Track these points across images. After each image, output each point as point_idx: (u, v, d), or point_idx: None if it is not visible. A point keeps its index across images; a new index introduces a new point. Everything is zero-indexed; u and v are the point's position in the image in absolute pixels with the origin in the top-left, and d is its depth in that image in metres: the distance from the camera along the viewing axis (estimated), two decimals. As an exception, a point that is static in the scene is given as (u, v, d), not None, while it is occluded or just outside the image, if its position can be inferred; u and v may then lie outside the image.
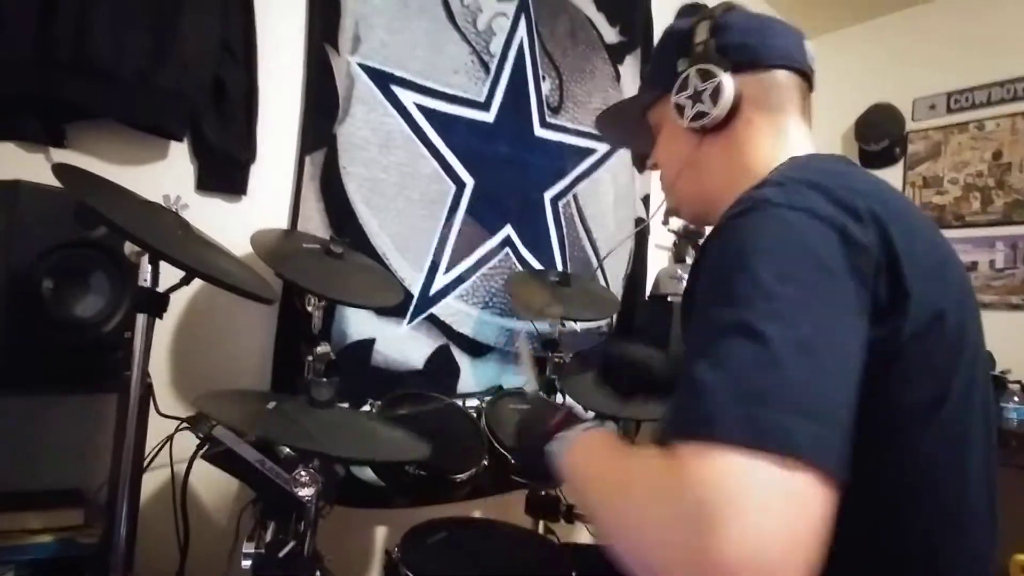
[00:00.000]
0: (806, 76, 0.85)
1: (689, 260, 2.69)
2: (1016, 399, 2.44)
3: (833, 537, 0.52)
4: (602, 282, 2.53)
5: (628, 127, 1.03)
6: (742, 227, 0.61)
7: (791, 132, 0.83)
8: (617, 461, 0.63)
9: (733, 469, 0.47)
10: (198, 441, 1.15)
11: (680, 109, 0.85)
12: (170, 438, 1.24)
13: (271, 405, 1.14)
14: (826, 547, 0.48)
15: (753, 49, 0.83)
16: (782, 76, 0.83)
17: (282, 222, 1.72)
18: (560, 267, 2.37)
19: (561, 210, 2.39)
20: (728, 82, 0.81)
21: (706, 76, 0.82)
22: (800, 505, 0.46)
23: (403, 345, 1.94)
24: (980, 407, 0.69)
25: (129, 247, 1.10)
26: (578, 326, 2.38)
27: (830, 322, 0.55)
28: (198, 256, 1.12)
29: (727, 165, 0.84)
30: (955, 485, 0.66)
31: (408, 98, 1.95)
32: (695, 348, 0.57)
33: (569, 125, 2.42)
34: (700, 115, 0.83)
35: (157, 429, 1.20)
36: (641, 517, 0.52)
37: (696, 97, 0.83)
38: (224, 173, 1.61)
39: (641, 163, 2.69)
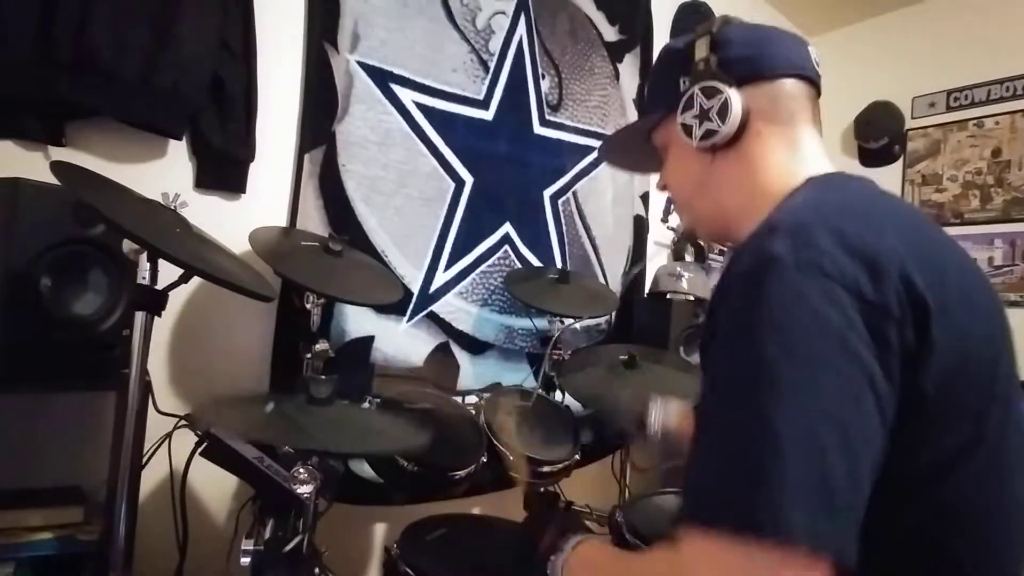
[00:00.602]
0: (813, 82, 0.83)
1: (688, 258, 2.69)
2: (1015, 397, 2.44)
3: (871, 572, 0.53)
4: (600, 278, 2.53)
5: (634, 151, 1.01)
6: (752, 295, 0.59)
7: (804, 144, 0.81)
8: (620, 569, 0.65)
9: (727, 559, 0.49)
10: (197, 438, 1.15)
11: (687, 129, 0.83)
12: (169, 435, 1.25)
13: (269, 407, 1.14)
14: None
15: (756, 61, 0.81)
16: (789, 85, 0.81)
17: (281, 220, 1.72)
18: (559, 265, 2.37)
19: (560, 208, 2.39)
20: (735, 97, 0.79)
21: (711, 93, 0.80)
22: None
23: (402, 342, 1.95)
24: (1016, 434, 0.66)
25: (128, 245, 1.10)
26: (577, 323, 2.38)
27: (842, 399, 0.54)
28: (197, 254, 1.12)
29: (741, 183, 0.82)
30: (995, 519, 0.64)
31: (407, 96, 1.95)
32: (706, 429, 0.58)
33: (568, 123, 2.42)
34: (709, 133, 0.81)
35: (156, 427, 1.21)
36: None
37: (703, 115, 0.81)
38: (223, 171, 1.61)
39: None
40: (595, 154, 2.51)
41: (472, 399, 1.91)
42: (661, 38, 2.83)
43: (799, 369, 0.54)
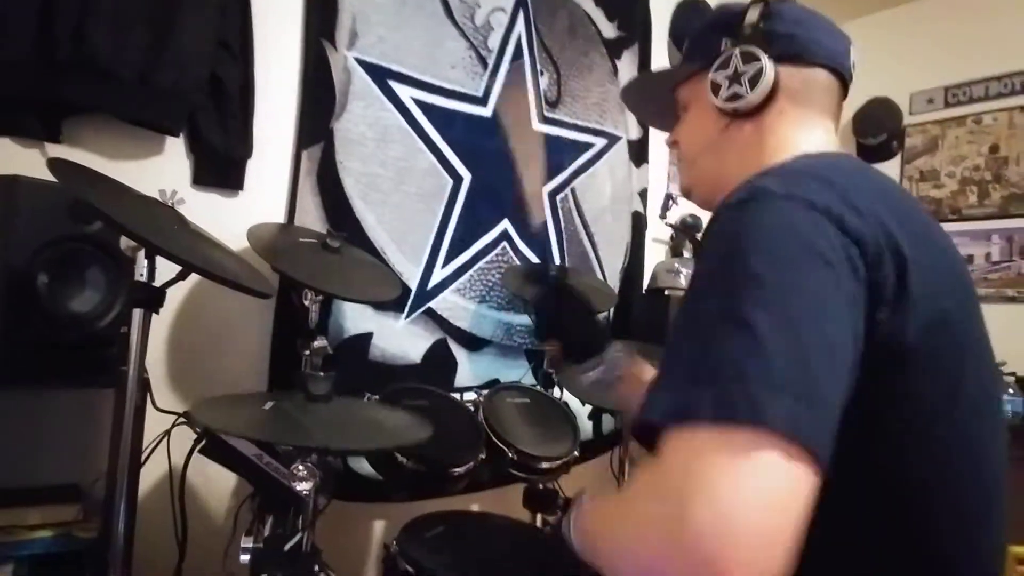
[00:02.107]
0: (845, 81, 0.84)
1: (686, 254, 2.69)
2: (1011, 391, 2.45)
3: (845, 533, 0.52)
4: (598, 274, 2.53)
5: (654, 100, 1.00)
6: (738, 217, 0.61)
7: (817, 131, 0.81)
8: (612, 502, 0.64)
9: (705, 446, 0.47)
10: (195, 436, 1.15)
11: (716, 88, 0.83)
12: (167, 433, 1.24)
13: (268, 405, 1.14)
14: (831, 537, 0.49)
15: (800, 42, 0.81)
16: (822, 75, 0.82)
17: (279, 217, 1.72)
18: (558, 261, 2.37)
19: (559, 204, 2.39)
20: (770, 68, 0.79)
21: (749, 59, 0.80)
22: (774, 481, 0.46)
23: (401, 339, 1.94)
24: (990, 405, 0.69)
25: (125, 242, 1.10)
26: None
27: (819, 309, 0.54)
28: (194, 251, 1.12)
29: (749, 153, 0.82)
30: (970, 485, 0.66)
31: (405, 93, 1.94)
32: (680, 332, 0.57)
33: (567, 120, 2.42)
34: (735, 96, 0.81)
35: (154, 424, 1.20)
36: (626, 514, 0.52)
37: (735, 78, 0.81)
38: (220, 168, 1.61)
39: (639, 159, 2.69)
40: (594, 151, 2.51)
41: (471, 396, 1.91)
42: (660, 35, 2.83)
43: (781, 275, 0.54)
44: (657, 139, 2.77)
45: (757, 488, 0.45)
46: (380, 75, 1.88)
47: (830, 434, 0.50)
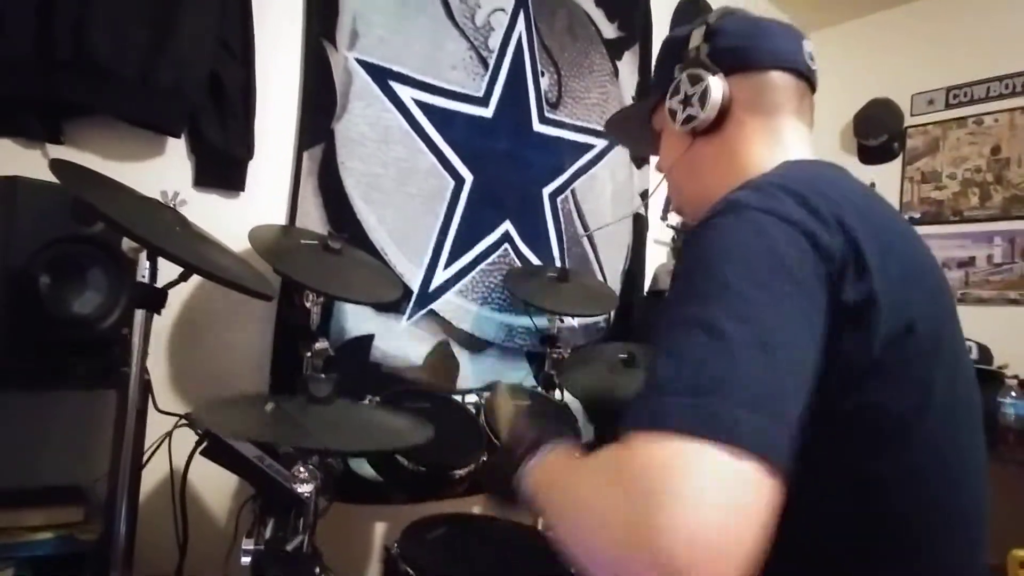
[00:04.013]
0: (804, 76, 0.85)
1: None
2: (1013, 394, 2.44)
3: (821, 539, 0.56)
4: (599, 276, 2.53)
5: (635, 131, 1.05)
6: (714, 230, 0.63)
7: (785, 133, 0.83)
8: (571, 466, 0.65)
9: (677, 455, 0.48)
10: (197, 437, 1.15)
11: (673, 113, 0.86)
12: (169, 434, 1.24)
13: (269, 407, 1.13)
14: (805, 543, 0.53)
15: (745, 52, 0.84)
16: (776, 77, 0.83)
17: (280, 218, 1.72)
18: (558, 262, 2.36)
19: (559, 205, 2.39)
20: (716, 85, 0.82)
21: (695, 80, 0.83)
22: (739, 492, 0.48)
23: (402, 341, 1.94)
24: (966, 413, 0.70)
25: (127, 243, 1.10)
26: (576, 322, 2.38)
27: (789, 323, 0.56)
28: (196, 252, 1.12)
29: (721, 167, 0.84)
30: (946, 492, 0.67)
31: (406, 94, 1.94)
32: (657, 343, 0.58)
33: (567, 120, 2.42)
34: (690, 119, 0.84)
35: (156, 425, 1.20)
36: (588, 503, 0.53)
37: (686, 101, 0.84)
38: (222, 169, 1.61)
39: (640, 160, 2.69)
40: (594, 152, 2.50)
41: (472, 398, 1.91)
42: (660, 35, 2.83)
43: (755, 288, 0.56)
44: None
45: (725, 500, 0.47)
46: (381, 76, 1.88)
47: (792, 448, 0.52)
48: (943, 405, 0.65)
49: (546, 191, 2.35)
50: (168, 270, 1.07)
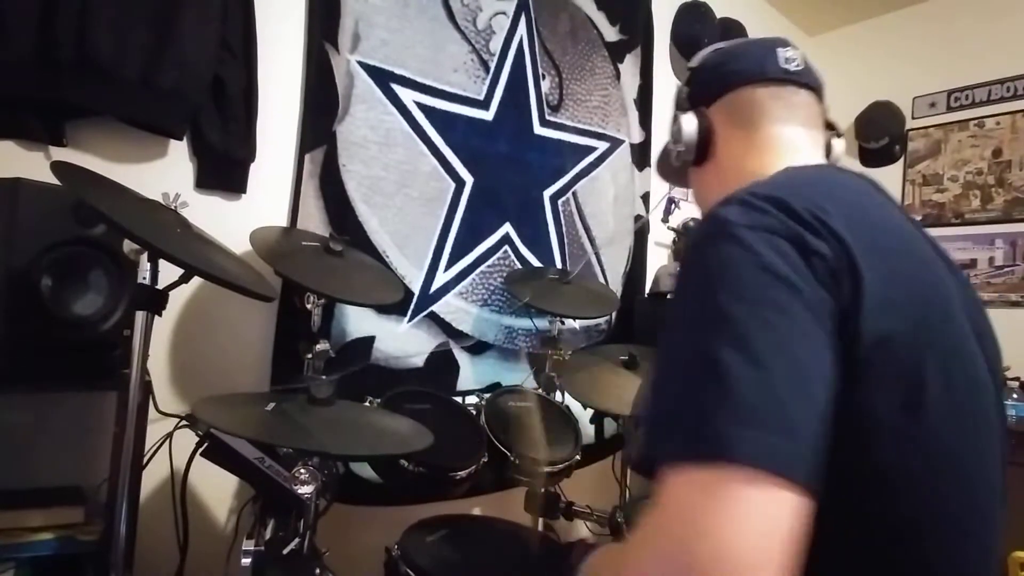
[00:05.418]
0: (783, 81, 0.88)
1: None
2: (1015, 396, 2.44)
3: (822, 545, 0.55)
4: (600, 278, 2.53)
5: (674, 174, 1.12)
6: (703, 253, 0.64)
7: (777, 141, 0.86)
8: (617, 549, 0.69)
9: (691, 485, 0.51)
10: (197, 439, 1.15)
11: (676, 155, 0.94)
12: (169, 436, 1.25)
13: (270, 407, 1.14)
14: (816, 554, 0.52)
15: (715, 80, 0.91)
16: (746, 93, 0.88)
17: (281, 220, 1.72)
18: (559, 265, 2.37)
19: (560, 208, 2.39)
20: (687, 119, 0.90)
21: (674, 121, 0.93)
22: (764, 515, 0.49)
23: (403, 342, 1.95)
24: (972, 418, 0.68)
25: (128, 245, 1.10)
26: (577, 323, 2.38)
27: (786, 336, 0.57)
28: (197, 254, 1.12)
29: (721, 187, 0.86)
30: (943, 497, 0.65)
31: (408, 96, 1.95)
32: (657, 375, 0.60)
33: (569, 123, 2.42)
34: (679, 155, 0.93)
35: (156, 427, 1.21)
36: (637, 566, 0.53)
37: (677, 139, 0.92)
38: (223, 171, 1.61)
39: (642, 162, 2.70)
40: (595, 154, 2.51)
41: (472, 399, 1.91)
42: (662, 38, 2.84)
43: (746, 308, 0.57)
44: (660, 143, 2.77)
45: (740, 520, 0.48)
46: (383, 78, 1.89)
47: (809, 455, 0.52)
48: (940, 408, 0.64)
49: (547, 193, 2.35)
50: (169, 272, 1.08)
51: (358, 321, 1.84)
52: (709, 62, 0.94)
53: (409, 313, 1.96)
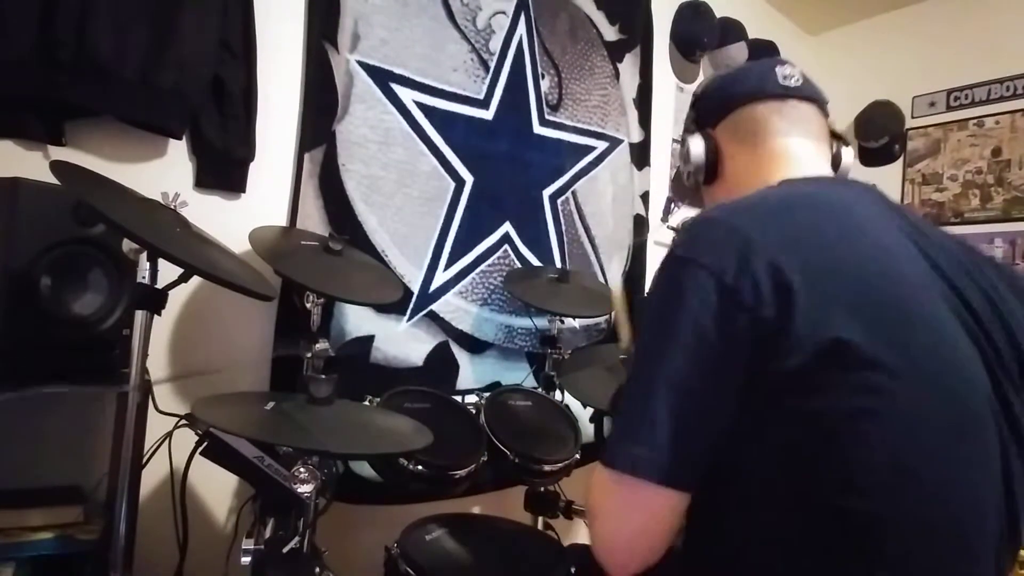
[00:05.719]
0: (782, 96, 0.92)
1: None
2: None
3: (798, 539, 0.67)
4: (600, 278, 2.53)
5: (691, 194, 1.19)
6: (655, 285, 0.76)
7: (779, 154, 0.91)
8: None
9: (599, 485, 0.74)
10: (197, 438, 1.15)
11: (687, 176, 1.02)
12: (169, 435, 1.24)
13: (269, 406, 1.14)
14: (792, 547, 0.67)
15: (719, 103, 0.97)
16: (746, 111, 0.94)
17: (281, 219, 1.72)
18: (559, 264, 2.37)
19: (560, 207, 2.39)
20: (693, 141, 0.98)
21: (683, 143, 1.01)
22: (634, 508, 0.72)
23: (403, 342, 1.95)
24: (956, 423, 0.68)
25: (127, 244, 1.10)
26: (576, 323, 2.38)
27: (683, 367, 0.69)
28: (196, 253, 1.12)
29: (726, 198, 0.92)
30: (912, 502, 0.66)
31: (407, 96, 1.95)
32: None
33: (568, 123, 2.42)
34: (689, 175, 1.00)
35: (156, 426, 1.20)
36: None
37: (686, 162, 1.00)
38: (223, 171, 1.61)
39: (641, 162, 2.70)
40: (595, 154, 2.51)
41: (472, 399, 1.91)
42: (662, 38, 2.83)
43: (657, 343, 0.71)
44: (659, 142, 2.77)
45: (624, 518, 0.74)
46: (382, 78, 1.89)
47: (669, 461, 0.68)
48: (907, 414, 0.65)
49: (546, 193, 2.35)
50: (168, 271, 1.08)
51: (357, 320, 1.84)
52: (712, 86, 1.01)
53: (408, 312, 1.96)
